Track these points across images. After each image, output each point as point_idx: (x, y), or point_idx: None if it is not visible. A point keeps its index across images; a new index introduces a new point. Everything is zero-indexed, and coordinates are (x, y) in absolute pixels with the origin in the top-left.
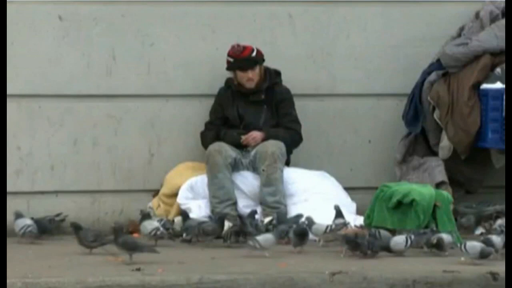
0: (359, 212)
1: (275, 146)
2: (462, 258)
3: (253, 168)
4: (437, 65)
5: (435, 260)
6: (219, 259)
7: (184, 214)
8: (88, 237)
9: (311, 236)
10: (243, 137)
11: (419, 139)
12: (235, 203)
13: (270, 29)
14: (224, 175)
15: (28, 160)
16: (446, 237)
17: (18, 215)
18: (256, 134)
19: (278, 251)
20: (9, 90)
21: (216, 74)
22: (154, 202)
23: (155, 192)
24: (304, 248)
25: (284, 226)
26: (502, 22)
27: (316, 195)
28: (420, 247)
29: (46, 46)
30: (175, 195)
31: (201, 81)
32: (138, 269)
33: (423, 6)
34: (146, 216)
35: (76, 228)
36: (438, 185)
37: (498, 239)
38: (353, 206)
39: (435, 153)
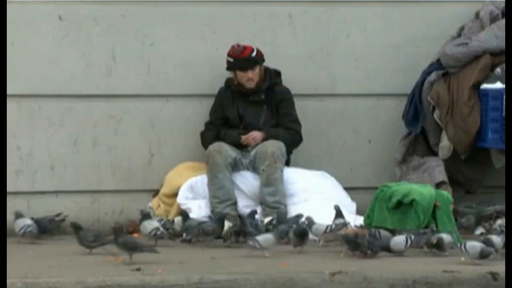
0: (359, 212)
1: (275, 146)
2: (462, 258)
3: (253, 168)
4: (437, 65)
5: (435, 260)
6: (219, 259)
7: (184, 214)
8: (88, 237)
9: (311, 236)
10: (243, 137)
11: (419, 139)
12: (235, 203)
13: (270, 29)
14: (224, 175)
15: (28, 160)
16: (446, 237)
17: (18, 215)
18: (256, 134)
19: (278, 251)
20: (9, 90)
21: (216, 74)
22: (154, 202)
23: (155, 192)
24: (304, 248)
25: (284, 226)
26: (502, 22)
27: (316, 195)
28: (420, 247)
29: (46, 46)
30: (175, 195)
31: (201, 81)
32: (138, 269)
33: (423, 6)
34: (146, 216)
35: (76, 228)
36: (438, 185)
37: (498, 239)
38: (353, 206)
39: (435, 153)
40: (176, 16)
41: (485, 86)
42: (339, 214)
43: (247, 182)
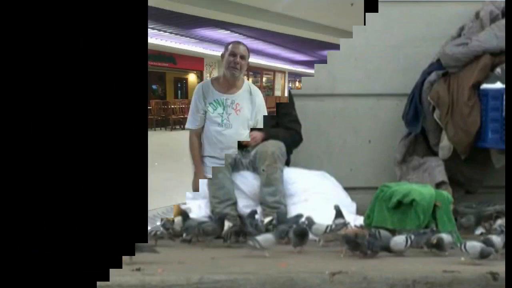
0: (359, 212)
1: (275, 146)
2: (462, 258)
3: (253, 168)
4: (437, 65)
5: (435, 260)
6: (219, 259)
7: (184, 214)
8: None
9: (311, 236)
10: None
11: (419, 139)
12: (235, 203)
13: None
14: (224, 175)
15: None
16: (446, 237)
17: None
18: (256, 134)
19: (278, 251)
20: None
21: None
22: None
23: None
24: (304, 248)
25: (284, 226)
26: (502, 22)
27: (316, 195)
28: (420, 247)
29: None
30: None
31: None
32: (138, 269)
33: (423, 6)
34: None
35: None
36: (438, 185)
37: (498, 239)
38: (353, 206)
39: (435, 153)
40: None
41: (485, 86)
42: (339, 214)
43: (247, 182)
